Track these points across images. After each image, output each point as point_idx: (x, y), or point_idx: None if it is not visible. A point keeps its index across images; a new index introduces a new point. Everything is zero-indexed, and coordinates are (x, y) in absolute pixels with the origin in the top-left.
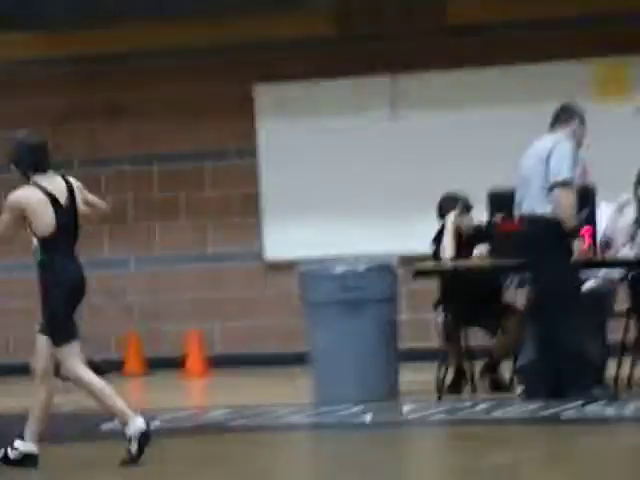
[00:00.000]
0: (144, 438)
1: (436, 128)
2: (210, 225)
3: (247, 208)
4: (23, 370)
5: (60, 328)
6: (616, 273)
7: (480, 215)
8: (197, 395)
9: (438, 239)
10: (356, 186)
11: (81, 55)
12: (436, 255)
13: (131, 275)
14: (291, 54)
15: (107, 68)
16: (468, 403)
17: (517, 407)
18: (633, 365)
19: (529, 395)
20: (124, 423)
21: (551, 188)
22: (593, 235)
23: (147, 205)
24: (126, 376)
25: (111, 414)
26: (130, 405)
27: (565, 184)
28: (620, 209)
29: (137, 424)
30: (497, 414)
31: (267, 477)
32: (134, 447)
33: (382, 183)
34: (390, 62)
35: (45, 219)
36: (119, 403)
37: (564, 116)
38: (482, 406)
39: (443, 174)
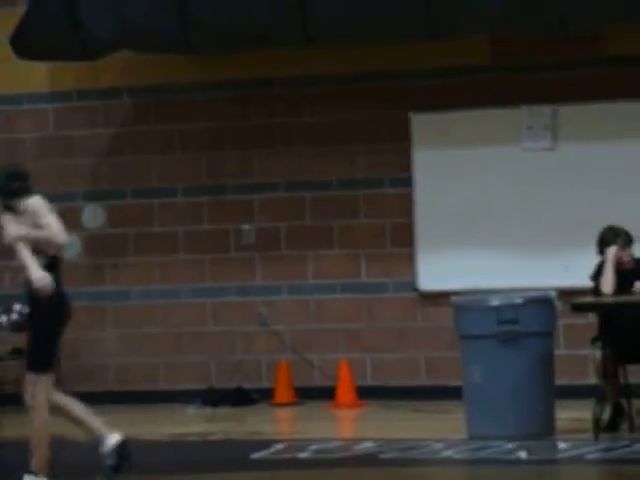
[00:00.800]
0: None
1: (596, 160)
2: (363, 254)
3: (401, 237)
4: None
5: (46, 355)
6: None
7: None
8: (347, 426)
9: (598, 273)
10: (513, 217)
11: (234, 79)
12: (597, 290)
13: (283, 303)
14: (448, 83)
15: (261, 93)
16: (625, 442)
17: None
18: None
19: None
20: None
21: None
22: None
23: (300, 232)
24: (276, 405)
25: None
26: (281, 434)
27: None
28: None
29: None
30: None
31: None
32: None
33: (540, 214)
34: (549, 92)
35: None
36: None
37: None
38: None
39: (603, 207)
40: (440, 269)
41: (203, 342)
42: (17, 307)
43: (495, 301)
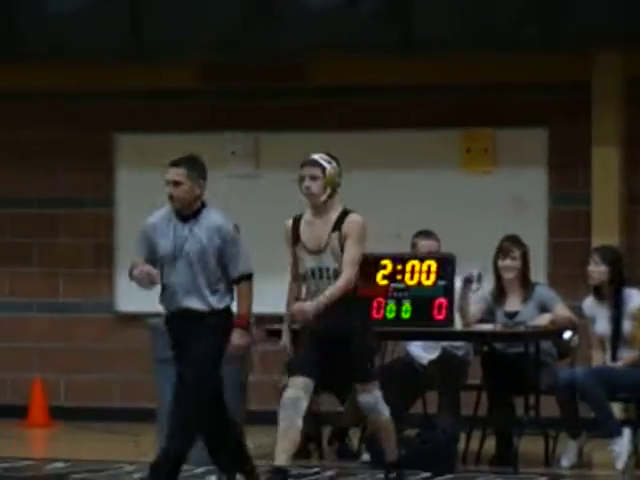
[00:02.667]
0: None
1: (295, 188)
2: (62, 273)
3: (101, 258)
4: None
5: None
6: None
7: None
8: (39, 446)
9: None
10: None
11: None
12: None
13: None
14: (153, 105)
15: None
16: (315, 469)
17: (363, 476)
18: (483, 439)
19: (375, 464)
20: None
21: None
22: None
23: None
24: None
25: None
26: None
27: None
28: (467, 283)
29: None
30: None
31: None
32: None
33: (244, 239)
34: (252, 119)
35: None
36: None
37: None
38: (328, 473)
39: None
40: (139, 291)
41: None
42: None
43: None
